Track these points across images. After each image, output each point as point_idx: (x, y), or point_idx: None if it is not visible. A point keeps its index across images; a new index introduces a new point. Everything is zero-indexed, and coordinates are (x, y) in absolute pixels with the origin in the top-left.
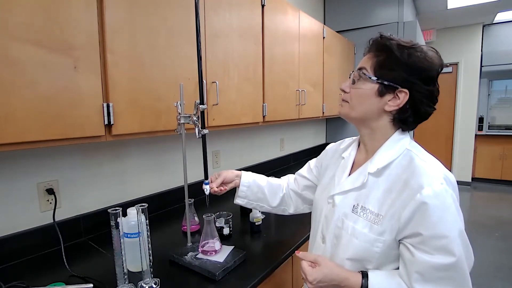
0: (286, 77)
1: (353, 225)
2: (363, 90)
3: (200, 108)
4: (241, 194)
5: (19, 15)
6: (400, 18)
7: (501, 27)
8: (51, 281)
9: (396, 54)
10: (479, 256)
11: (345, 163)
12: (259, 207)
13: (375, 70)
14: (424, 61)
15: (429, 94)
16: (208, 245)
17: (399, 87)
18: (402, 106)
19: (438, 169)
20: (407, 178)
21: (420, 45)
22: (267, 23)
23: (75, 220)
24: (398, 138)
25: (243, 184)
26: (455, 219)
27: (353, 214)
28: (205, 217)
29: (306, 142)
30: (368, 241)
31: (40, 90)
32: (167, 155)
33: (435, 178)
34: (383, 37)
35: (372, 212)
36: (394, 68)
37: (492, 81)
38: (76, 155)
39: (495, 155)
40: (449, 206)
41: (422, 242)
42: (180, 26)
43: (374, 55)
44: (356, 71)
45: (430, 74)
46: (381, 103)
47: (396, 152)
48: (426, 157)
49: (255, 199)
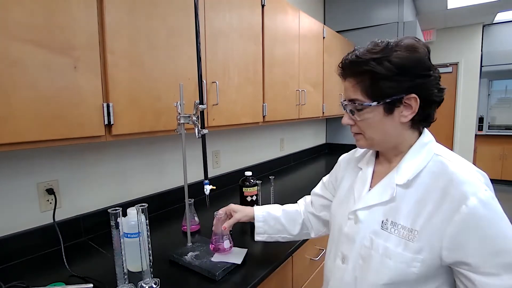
0: (286, 77)
1: (384, 243)
2: (369, 119)
3: (199, 108)
4: (259, 231)
5: (19, 15)
6: (400, 18)
7: (501, 27)
8: (51, 281)
9: (380, 71)
10: None
11: (364, 175)
12: (281, 238)
13: (369, 95)
14: (410, 57)
15: (436, 81)
16: (219, 242)
17: (404, 95)
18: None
19: (476, 174)
20: (445, 187)
21: (391, 42)
22: (267, 23)
23: (75, 220)
24: (423, 143)
25: (258, 219)
26: (510, 226)
27: (383, 231)
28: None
29: (306, 142)
30: (404, 262)
31: (40, 90)
32: (167, 155)
33: (477, 185)
34: (353, 61)
35: (405, 227)
36: (387, 84)
37: (492, 81)
38: (76, 155)
39: (495, 155)
40: (502, 214)
41: (483, 264)
42: (180, 26)
43: (356, 81)
44: (350, 104)
45: (424, 65)
46: (395, 120)
47: (424, 159)
48: (459, 161)
49: (275, 232)
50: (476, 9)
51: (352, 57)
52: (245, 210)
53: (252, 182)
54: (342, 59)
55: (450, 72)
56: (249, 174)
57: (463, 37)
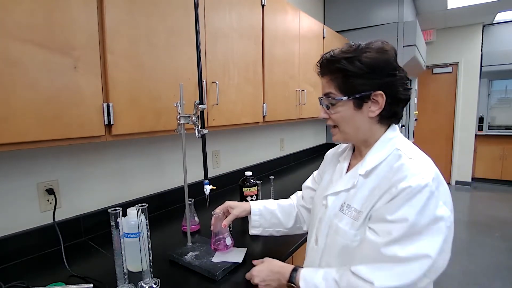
0: (286, 77)
1: (338, 223)
2: (341, 112)
3: (199, 108)
4: (255, 224)
5: (19, 15)
6: (400, 18)
7: (501, 27)
8: (51, 281)
9: (351, 69)
10: (479, 256)
11: (340, 167)
12: (275, 232)
13: (341, 90)
14: (378, 57)
15: (401, 81)
16: (219, 241)
17: (372, 91)
18: (384, 105)
19: (423, 166)
20: (392, 177)
21: (363, 44)
22: (267, 23)
23: (75, 220)
24: (388, 138)
25: (254, 213)
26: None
27: (340, 213)
28: (214, 213)
29: (306, 142)
30: (348, 238)
31: (40, 90)
32: (167, 155)
33: (415, 173)
34: (328, 60)
35: (356, 209)
36: (357, 80)
37: (492, 81)
38: (76, 155)
39: (495, 155)
40: (419, 199)
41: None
42: (180, 26)
43: (331, 78)
44: (325, 98)
45: (391, 65)
46: (364, 114)
47: (386, 152)
48: (414, 154)
49: (270, 225)
50: (476, 9)
51: (328, 57)
52: (242, 205)
53: (252, 182)
54: (319, 59)
55: (450, 72)
56: (249, 174)
57: (463, 37)
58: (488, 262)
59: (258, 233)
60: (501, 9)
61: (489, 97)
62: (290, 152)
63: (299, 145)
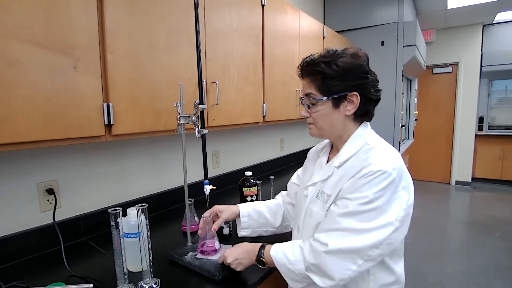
0: (286, 77)
1: (312, 207)
2: (321, 111)
3: (199, 108)
4: (244, 225)
5: (19, 15)
6: (400, 18)
7: (501, 27)
8: (51, 281)
9: (328, 72)
10: (479, 256)
11: (320, 162)
12: (264, 232)
13: (320, 91)
14: (352, 62)
15: (372, 83)
16: (206, 245)
17: (348, 92)
18: (359, 104)
19: (387, 156)
20: (358, 166)
21: (339, 50)
22: (267, 23)
23: (75, 220)
24: (359, 134)
25: (243, 215)
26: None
27: (315, 199)
28: (203, 217)
29: (306, 142)
30: (318, 218)
31: (40, 90)
32: (167, 155)
33: (379, 162)
34: (308, 63)
35: (327, 194)
36: (334, 82)
37: (492, 81)
38: (76, 155)
39: (495, 155)
40: (377, 183)
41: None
42: (180, 26)
43: (310, 79)
44: (306, 98)
45: (363, 69)
46: (340, 113)
47: (357, 146)
48: (381, 147)
49: (259, 226)
50: (476, 9)
51: (308, 60)
52: (230, 208)
53: (252, 182)
54: (301, 62)
55: (450, 72)
56: (249, 174)
57: (463, 37)
58: (488, 262)
59: (247, 234)
60: (501, 9)
61: (489, 97)
62: (290, 152)
63: (299, 145)
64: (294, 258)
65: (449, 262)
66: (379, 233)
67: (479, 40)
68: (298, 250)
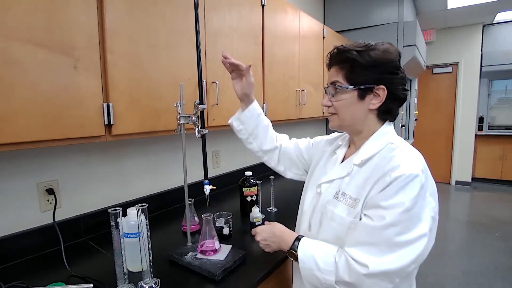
0: (286, 77)
1: (333, 209)
2: (345, 100)
3: (199, 108)
4: (243, 118)
5: (19, 15)
6: (400, 18)
7: (501, 27)
8: (51, 281)
9: (359, 60)
10: (479, 256)
11: (336, 157)
12: (247, 142)
13: (347, 80)
14: (385, 56)
15: (401, 80)
16: (206, 245)
17: (375, 85)
18: (384, 100)
19: (414, 158)
20: (384, 166)
21: (374, 44)
22: (267, 23)
23: (75, 220)
24: (383, 132)
25: (250, 109)
26: (411, 200)
27: (334, 199)
28: (203, 217)
29: None
30: (343, 224)
31: (40, 90)
32: (167, 155)
33: (407, 163)
34: (340, 49)
35: (351, 197)
36: (363, 72)
37: (492, 81)
38: (76, 155)
39: (495, 155)
40: (411, 187)
41: (370, 210)
42: (180, 26)
43: (339, 67)
44: (331, 86)
45: (395, 64)
46: (365, 105)
47: (380, 145)
48: (406, 148)
49: (251, 132)
50: (476, 9)
51: (340, 47)
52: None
53: (252, 182)
54: (331, 50)
55: (450, 72)
56: (249, 174)
57: (463, 37)
58: (488, 262)
59: (237, 128)
60: (501, 9)
61: (489, 97)
62: None
63: None
64: (325, 267)
65: (449, 262)
66: (418, 245)
67: (479, 40)
68: (331, 260)
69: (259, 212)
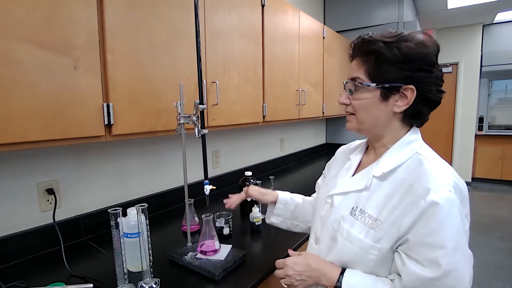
0: (286, 77)
1: (349, 228)
2: (365, 99)
3: (199, 108)
4: (277, 212)
5: (19, 15)
6: (400, 18)
7: (501, 27)
8: (51, 281)
9: (386, 54)
10: (479, 256)
11: (350, 164)
12: (293, 226)
13: (370, 76)
14: (417, 49)
15: (436, 80)
16: (206, 245)
17: (403, 85)
18: (412, 102)
19: (449, 175)
20: (412, 183)
21: (406, 33)
22: (267, 23)
23: (75, 220)
24: (408, 140)
25: (280, 201)
26: (457, 230)
27: (351, 217)
28: (203, 217)
29: (306, 142)
30: (362, 248)
31: (40, 90)
32: (167, 155)
33: (443, 184)
34: (365, 40)
35: (371, 216)
36: (389, 68)
37: (492, 81)
38: (76, 155)
39: (495, 155)
40: (454, 216)
41: (416, 250)
42: (180, 26)
43: (362, 60)
44: (350, 82)
45: (429, 60)
46: (389, 107)
47: (405, 155)
48: (437, 161)
49: (291, 217)
50: (476, 9)
51: (365, 37)
52: (272, 193)
53: (252, 182)
54: (355, 39)
55: (450, 72)
56: (249, 174)
57: (463, 37)
58: (488, 262)
59: (277, 222)
60: (501, 9)
61: (489, 97)
62: (290, 152)
63: (299, 145)
64: None
65: None
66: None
67: (479, 40)
68: None
69: (259, 212)
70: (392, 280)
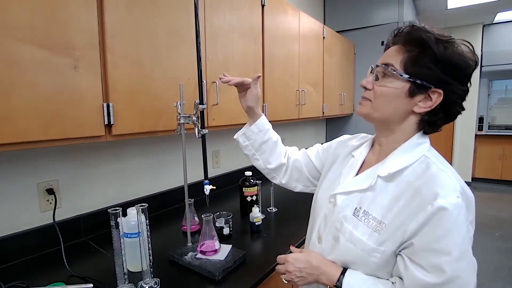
0: (286, 77)
1: (352, 229)
2: (391, 89)
3: (199, 108)
4: (248, 134)
5: (20, 15)
6: (400, 18)
7: (501, 27)
8: (51, 281)
9: (433, 50)
10: (479, 256)
11: (354, 162)
12: (253, 158)
13: (406, 67)
14: (461, 58)
15: (463, 94)
16: (206, 245)
17: (433, 86)
18: (434, 107)
19: (456, 180)
20: (419, 187)
21: (455, 39)
22: (267, 23)
23: (75, 220)
24: (417, 142)
25: (257, 125)
26: (463, 236)
27: (353, 217)
28: (203, 217)
29: (306, 142)
30: (365, 250)
31: (40, 90)
32: (167, 155)
33: (451, 189)
34: (417, 28)
35: (375, 218)
36: (429, 65)
37: (492, 81)
38: (76, 155)
39: (495, 155)
40: (461, 222)
41: (420, 254)
42: (180, 26)
43: (403, 49)
44: (381, 67)
45: (467, 73)
46: (410, 104)
47: (413, 157)
48: (445, 166)
49: (257, 148)
50: (476, 9)
51: (415, 25)
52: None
53: (252, 182)
54: (399, 27)
55: None
56: (249, 174)
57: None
58: (488, 262)
59: (243, 144)
60: (501, 9)
61: (489, 97)
62: None
63: (299, 145)
64: None
65: None
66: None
67: (479, 40)
68: None
69: (259, 212)
70: (394, 283)
